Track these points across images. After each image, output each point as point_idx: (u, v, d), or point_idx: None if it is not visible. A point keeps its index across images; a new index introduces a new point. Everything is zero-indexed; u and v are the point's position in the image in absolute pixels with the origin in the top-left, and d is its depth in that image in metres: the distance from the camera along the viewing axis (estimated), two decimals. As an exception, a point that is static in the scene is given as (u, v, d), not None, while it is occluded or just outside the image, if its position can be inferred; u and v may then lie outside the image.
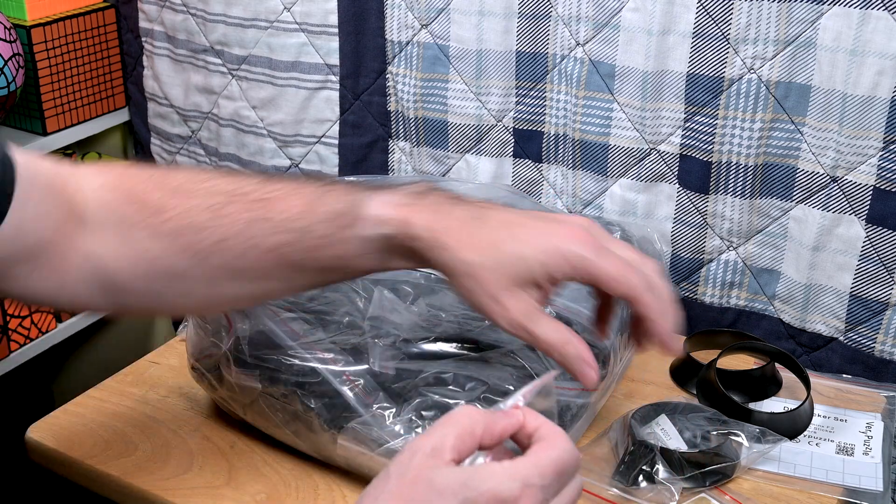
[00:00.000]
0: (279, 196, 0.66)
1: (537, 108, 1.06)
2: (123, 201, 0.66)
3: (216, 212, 0.65)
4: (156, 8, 1.29)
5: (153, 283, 0.66)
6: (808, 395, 0.86)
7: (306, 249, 0.65)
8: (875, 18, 0.84)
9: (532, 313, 0.62)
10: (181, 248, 0.65)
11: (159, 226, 0.65)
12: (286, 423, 0.78)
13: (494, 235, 0.63)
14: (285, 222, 0.65)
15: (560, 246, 0.62)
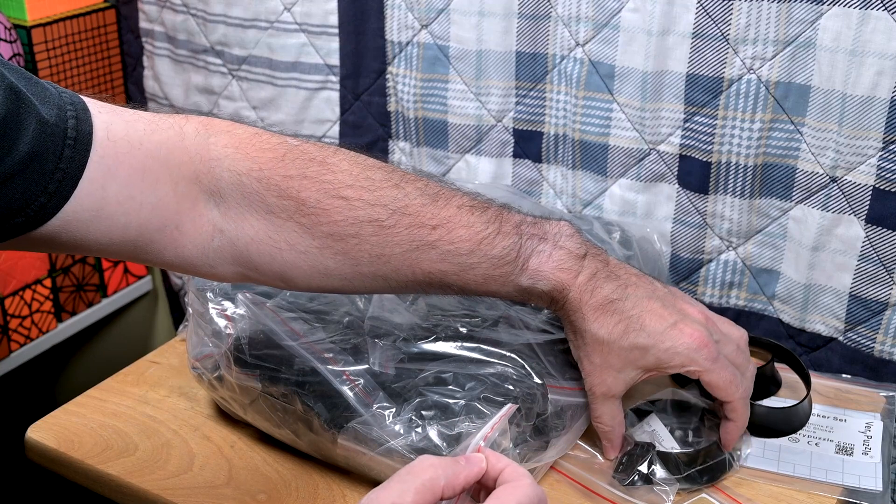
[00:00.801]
0: (447, 225, 0.69)
1: (537, 108, 1.07)
2: (276, 194, 0.65)
3: (382, 228, 0.67)
4: (156, 8, 1.29)
5: (292, 270, 0.67)
6: (808, 393, 0.86)
7: (463, 280, 0.70)
8: (875, 19, 0.84)
9: (609, 396, 0.76)
10: (336, 251, 0.67)
11: (317, 226, 0.66)
12: (286, 423, 0.78)
13: (627, 323, 0.73)
14: (451, 255, 0.69)
15: (680, 350, 0.73)
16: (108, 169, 0.59)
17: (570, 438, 0.81)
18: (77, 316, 1.40)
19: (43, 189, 0.56)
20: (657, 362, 0.73)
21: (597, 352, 0.74)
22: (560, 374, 0.79)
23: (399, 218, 0.67)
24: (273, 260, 0.66)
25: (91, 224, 0.59)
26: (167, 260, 0.65)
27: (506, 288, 0.72)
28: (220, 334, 0.80)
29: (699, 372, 0.73)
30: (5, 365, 1.28)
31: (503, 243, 0.70)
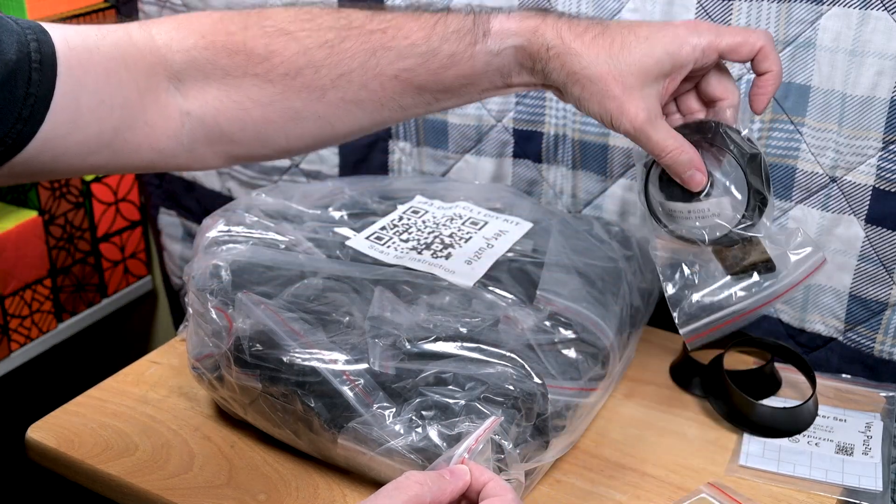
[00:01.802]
0: (397, 24, 0.67)
1: (537, 108, 1.07)
2: (225, 55, 0.66)
3: (333, 48, 0.66)
4: (156, 8, 1.29)
5: (265, 127, 0.67)
6: (813, 392, 0.86)
7: (431, 72, 0.66)
8: (874, 19, 0.84)
9: (654, 118, 0.67)
10: (298, 88, 0.66)
11: (271, 70, 0.65)
12: (286, 423, 0.79)
13: (621, 38, 0.66)
14: (409, 48, 0.66)
15: (681, 34, 0.67)
16: (76, 79, 0.60)
17: (570, 438, 0.81)
18: (77, 316, 1.40)
19: (17, 116, 0.57)
20: (671, 59, 0.66)
21: (610, 83, 0.66)
22: (560, 374, 0.79)
23: (346, 33, 0.66)
24: (244, 124, 0.66)
25: (68, 137, 0.60)
26: (146, 159, 0.65)
27: (478, 63, 0.67)
28: (220, 334, 0.80)
29: (717, 41, 0.67)
30: (5, 365, 1.28)
31: (457, 17, 0.67)
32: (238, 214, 0.92)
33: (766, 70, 0.70)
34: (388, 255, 0.89)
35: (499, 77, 0.68)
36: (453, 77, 0.67)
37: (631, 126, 0.66)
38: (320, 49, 0.66)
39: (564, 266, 0.88)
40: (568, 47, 0.66)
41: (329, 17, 0.67)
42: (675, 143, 0.68)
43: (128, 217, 1.45)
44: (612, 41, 0.66)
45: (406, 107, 0.69)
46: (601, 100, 0.66)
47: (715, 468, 0.82)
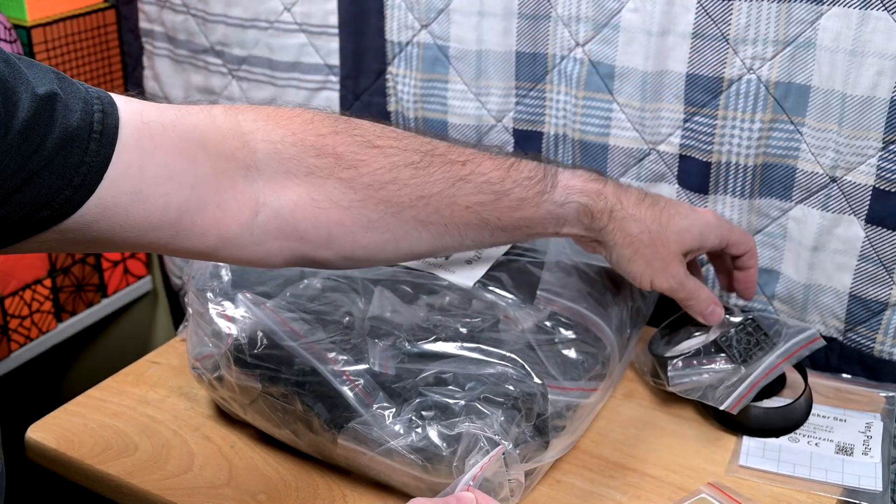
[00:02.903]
0: (475, 160, 0.72)
1: (537, 108, 1.07)
2: (313, 154, 0.67)
3: (418, 170, 0.69)
4: (156, 8, 1.29)
5: (337, 230, 0.68)
6: (804, 389, 0.86)
7: (500, 210, 0.73)
8: (874, 19, 0.84)
9: (686, 273, 0.82)
10: (378, 200, 0.68)
11: (356, 178, 0.68)
12: (286, 423, 0.79)
13: (668, 212, 0.80)
14: (486, 185, 0.72)
15: (711, 222, 0.83)
16: (144, 150, 0.60)
17: (570, 439, 0.81)
18: (77, 316, 1.40)
19: (68, 183, 0.57)
20: (701, 239, 0.81)
21: (660, 248, 0.78)
22: (560, 374, 0.79)
23: (431, 159, 0.70)
24: (318, 222, 0.68)
25: (130, 208, 0.59)
26: (210, 243, 0.65)
27: (541, 210, 0.74)
28: (220, 334, 0.80)
29: (729, 235, 0.84)
30: (5, 365, 1.28)
31: (529, 166, 0.74)
32: (238, 214, 0.92)
33: (751, 265, 0.88)
34: (388, 255, 0.89)
35: (554, 225, 0.76)
36: (518, 218, 0.74)
37: (674, 281, 0.81)
38: (406, 168, 0.69)
39: (564, 266, 0.88)
40: (627, 213, 0.77)
41: (413, 139, 0.71)
42: (700, 288, 0.84)
43: (128, 217, 1.45)
44: (660, 212, 0.79)
45: (466, 236, 0.74)
46: (650, 260, 0.79)
47: (715, 468, 0.82)
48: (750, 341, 0.86)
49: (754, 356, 0.86)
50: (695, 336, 0.91)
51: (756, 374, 0.84)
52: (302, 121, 0.69)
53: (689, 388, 0.86)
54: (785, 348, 0.86)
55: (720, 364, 0.86)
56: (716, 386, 0.85)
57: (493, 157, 0.74)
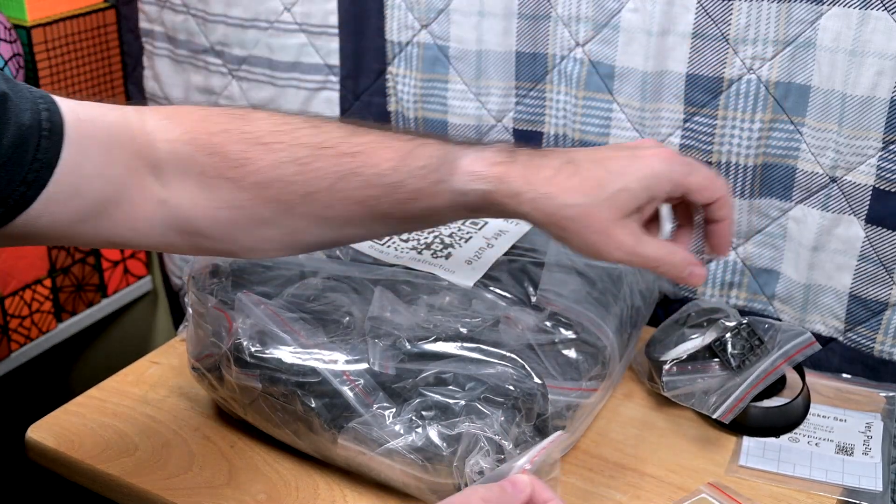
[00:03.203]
0: (368, 150, 0.67)
1: (537, 108, 1.07)
2: (203, 153, 0.67)
3: (304, 165, 0.67)
4: (156, 8, 1.29)
5: (234, 229, 0.68)
6: (802, 388, 0.86)
7: (396, 202, 0.67)
8: (874, 19, 0.84)
9: (639, 238, 0.68)
10: (267, 199, 0.67)
11: (244, 178, 0.66)
12: (286, 423, 0.79)
13: (593, 174, 0.67)
14: (376, 177, 0.67)
15: (657, 169, 0.68)
16: (81, 146, 0.62)
17: (570, 439, 0.81)
18: (77, 316, 1.40)
19: (22, 179, 0.59)
20: (646, 193, 0.67)
21: (590, 220, 0.66)
22: (560, 374, 0.79)
23: (319, 153, 0.67)
24: (215, 222, 0.67)
25: (68, 203, 0.62)
26: (123, 237, 0.67)
27: (441, 200, 0.67)
28: (220, 334, 0.80)
29: (685, 179, 0.68)
30: (5, 365, 1.28)
31: (427, 152, 0.67)
32: (238, 214, 0.92)
33: (723, 217, 0.71)
34: (388, 255, 0.89)
35: (466, 212, 0.69)
36: (418, 210, 0.68)
37: (622, 253, 0.67)
38: (291, 164, 0.67)
39: (564, 266, 0.88)
40: (538, 192, 0.66)
41: (307, 131, 0.68)
42: (665, 251, 0.69)
43: (128, 217, 1.45)
44: (584, 179, 0.66)
45: (371, 229, 0.70)
46: (585, 236, 0.67)
47: (715, 468, 0.82)
48: (744, 346, 0.86)
49: (748, 362, 0.86)
50: (690, 339, 0.91)
51: (749, 382, 0.84)
52: (197, 118, 0.69)
53: (683, 394, 0.86)
54: (779, 354, 0.86)
55: (714, 370, 0.86)
56: (710, 392, 0.85)
57: (390, 146, 0.68)
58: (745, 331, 0.87)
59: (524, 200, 0.66)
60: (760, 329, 0.88)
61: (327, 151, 0.67)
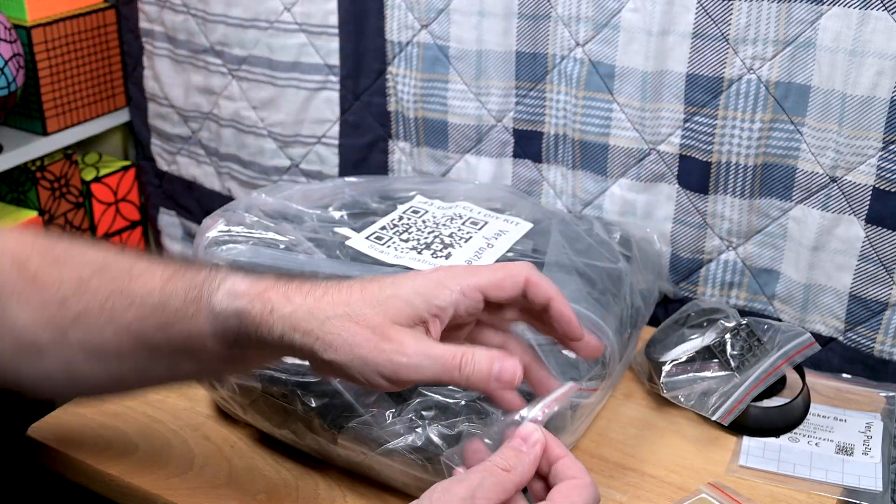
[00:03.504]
0: (144, 272, 0.63)
1: (537, 108, 1.07)
2: (7, 268, 0.64)
3: (82, 284, 0.64)
4: (156, 8, 1.29)
5: (14, 357, 0.64)
6: (802, 388, 0.86)
7: (159, 326, 0.62)
8: (875, 19, 0.84)
9: (424, 340, 0.57)
10: (46, 321, 0.63)
11: (31, 296, 0.64)
12: (286, 423, 0.78)
13: (362, 290, 0.59)
14: (142, 297, 0.62)
15: (438, 278, 0.59)
16: None
17: (570, 439, 0.81)
18: (77, 316, 1.40)
19: None
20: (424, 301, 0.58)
21: (355, 330, 0.57)
22: (560, 374, 0.79)
23: (99, 272, 0.64)
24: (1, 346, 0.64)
25: None
26: None
27: (201, 324, 0.61)
28: (220, 334, 0.80)
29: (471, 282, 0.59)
30: (5, 365, 1.28)
31: (196, 274, 0.62)
32: (238, 214, 0.92)
33: (544, 297, 0.61)
34: (388, 255, 0.89)
35: (227, 345, 0.61)
36: (180, 336, 0.61)
37: (405, 357, 0.56)
38: (72, 283, 0.64)
39: (565, 266, 0.88)
40: (296, 306, 0.58)
41: (98, 253, 0.65)
42: (463, 349, 0.57)
43: (128, 217, 1.45)
44: (350, 292, 0.58)
45: (143, 367, 0.64)
46: (354, 352, 0.56)
47: (715, 468, 0.82)
48: (744, 347, 0.86)
49: (748, 363, 0.86)
50: (690, 340, 0.91)
51: (748, 384, 0.84)
52: (18, 233, 0.67)
53: (682, 395, 0.86)
54: (779, 355, 0.86)
55: (714, 371, 0.86)
56: (709, 394, 0.85)
57: (166, 269, 0.63)
58: (745, 331, 0.87)
59: (278, 318, 0.58)
60: (760, 329, 0.88)
61: (105, 271, 0.64)
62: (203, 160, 1.34)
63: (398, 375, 0.56)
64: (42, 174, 1.29)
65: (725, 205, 0.98)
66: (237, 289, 0.60)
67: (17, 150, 1.25)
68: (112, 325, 0.63)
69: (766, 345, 0.86)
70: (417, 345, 0.56)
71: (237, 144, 1.27)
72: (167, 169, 1.40)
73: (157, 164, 1.41)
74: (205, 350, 0.62)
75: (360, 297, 0.58)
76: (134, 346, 0.63)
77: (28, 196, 1.30)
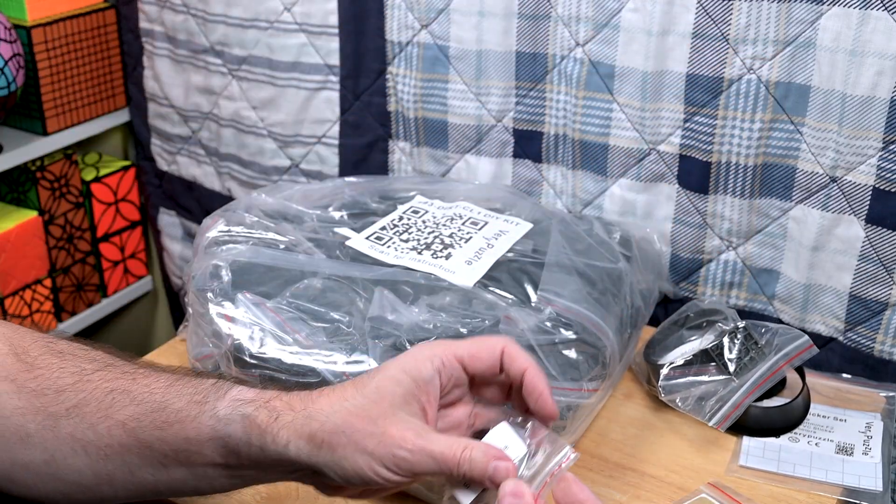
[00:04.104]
0: (147, 373, 0.63)
1: (537, 108, 1.07)
2: (8, 351, 0.64)
3: (83, 376, 0.63)
4: (156, 8, 1.29)
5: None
6: (802, 388, 0.86)
7: (157, 426, 0.61)
8: (874, 19, 0.84)
9: (425, 432, 0.58)
10: (37, 408, 0.62)
11: (26, 382, 0.63)
12: (286, 423, 0.78)
13: (354, 383, 0.61)
14: (144, 395, 0.62)
15: (417, 354, 0.61)
16: None
17: (570, 439, 0.81)
18: (77, 316, 1.40)
19: None
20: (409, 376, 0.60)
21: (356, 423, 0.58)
22: (560, 374, 0.79)
23: (105, 370, 0.64)
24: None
25: None
26: None
27: (200, 426, 0.60)
28: (220, 334, 0.80)
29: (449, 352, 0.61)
30: (5, 365, 1.28)
31: (202, 381, 0.63)
32: (238, 214, 0.92)
33: (519, 369, 0.62)
34: (388, 255, 0.89)
35: (229, 452, 0.60)
36: (177, 439, 0.61)
37: (405, 451, 0.57)
38: (73, 375, 0.63)
39: (565, 266, 0.88)
40: (297, 412, 0.59)
41: (108, 354, 0.65)
42: (460, 445, 0.57)
43: (128, 217, 1.45)
44: (343, 389, 0.60)
45: (131, 467, 0.63)
46: (356, 446, 0.58)
47: (715, 468, 0.82)
48: (741, 350, 0.86)
49: (745, 367, 0.85)
50: (688, 342, 0.91)
51: (745, 389, 0.84)
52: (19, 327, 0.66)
53: (680, 399, 0.86)
54: (776, 359, 0.86)
55: (711, 374, 0.86)
56: (706, 398, 0.85)
57: (172, 374, 0.63)
58: (742, 334, 0.86)
59: (283, 425, 0.59)
60: (757, 332, 0.88)
61: (111, 369, 0.64)
62: (203, 160, 1.34)
63: (400, 468, 0.57)
64: (42, 174, 1.29)
65: (725, 205, 0.98)
66: (244, 396, 0.61)
67: (17, 150, 1.25)
68: (107, 421, 0.62)
69: (763, 348, 0.86)
70: (417, 440, 0.57)
71: (237, 144, 1.27)
72: (167, 169, 1.40)
73: (157, 164, 1.41)
74: (200, 456, 0.61)
75: (353, 390, 0.60)
76: (126, 445, 0.62)
77: (28, 196, 1.30)
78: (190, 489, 0.64)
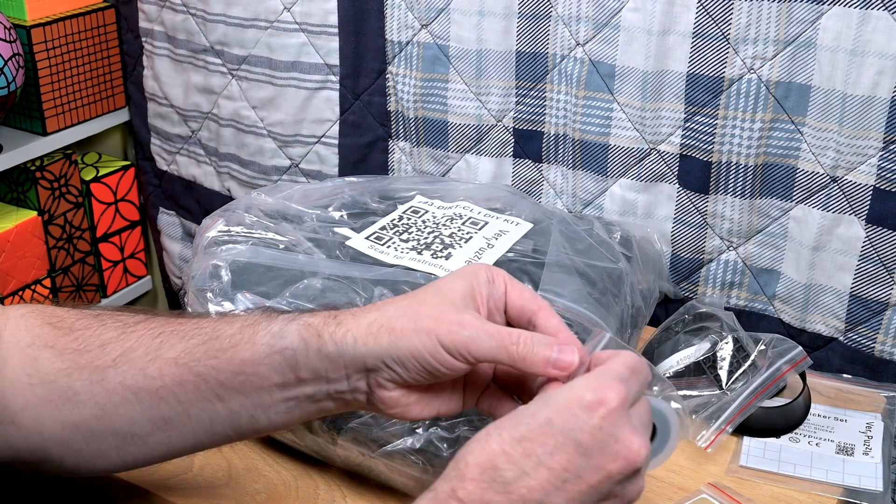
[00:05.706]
0: (193, 315, 0.64)
1: (537, 108, 1.07)
2: (42, 322, 0.64)
3: (125, 329, 0.63)
4: (156, 8, 1.29)
5: (42, 410, 0.62)
6: (802, 389, 0.86)
7: (211, 355, 0.61)
8: (875, 18, 0.84)
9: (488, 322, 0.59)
10: (81, 366, 0.62)
11: (67, 344, 0.63)
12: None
13: (412, 292, 0.62)
14: (194, 331, 0.62)
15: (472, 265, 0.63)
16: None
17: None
18: (77, 316, 1.40)
19: None
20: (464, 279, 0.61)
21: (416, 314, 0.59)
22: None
23: (147, 321, 0.64)
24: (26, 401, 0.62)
25: None
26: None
27: (257, 347, 0.61)
28: (219, 334, 0.80)
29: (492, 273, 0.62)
30: (5, 365, 1.28)
31: (252, 315, 0.63)
32: (238, 214, 0.92)
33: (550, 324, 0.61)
34: (388, 255, 0.89)
35: (286, 367, 0.60)
36: (229, 363, 0.61)
37: (463, 328, 0.57)
38: (115, 329, 0.63)
39: (565, 266, 0.88)
40: (353, 311, 0.61)
41: (132, 313, 0.66)
42: (517, 332, 0.58)
43: (127, 217, 1.45)
44: (404, 296, 0.62)
45: (186, 403, 0.62)
46: (416, 325, 0.58)
47: (715, 468, 0.82)
48: (732, 363, 0.86)
49: (737, 381, 0.85)
50: (683, 349, 0.90)
51: (733, 409, 0.83)
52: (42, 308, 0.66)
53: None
54: (767, 374, 0.85)
55: (702, 388, 0.86)
56: (697, 413, 0.84)
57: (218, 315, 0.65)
58: (735, 346, 0.86)
59: (339, 321, 0.60)
60: (749, 345, 0.87)
61: (154, 319, 0.64)
62: (203, 160, 1.34)
63: (458, 348, 0.57)
64: (42, 174, 1.29)
65: (726, 205, 0.98)
66: (297, 316, 0.62)
67: (16, 150, 1.25)
68: (158, 361, 0.62)
69: (756, 361, 0.86)
70: (475, 320, 0.58)
71: (237, 144, 1.27)
72: (167, 169, 1.40)
73: (157, 164, 1.41)
74: (256, 378, 0.61)
75: (413, 294, 0.61)
76: (179, 381, 0.61)
77: (28, 196, 1.30)
78: (245, 424, 0.63)
